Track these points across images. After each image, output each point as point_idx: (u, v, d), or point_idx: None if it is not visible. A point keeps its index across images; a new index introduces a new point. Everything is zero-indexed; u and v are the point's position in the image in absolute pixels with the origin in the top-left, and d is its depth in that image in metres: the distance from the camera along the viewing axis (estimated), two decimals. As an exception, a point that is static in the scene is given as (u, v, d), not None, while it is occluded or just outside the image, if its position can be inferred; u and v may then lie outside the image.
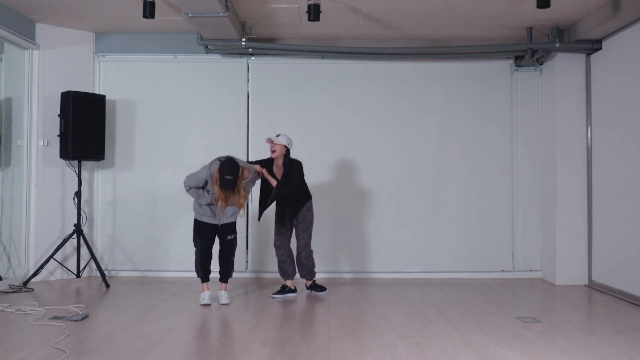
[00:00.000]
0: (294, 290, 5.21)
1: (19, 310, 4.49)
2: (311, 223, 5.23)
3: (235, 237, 5.00)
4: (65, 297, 5.07)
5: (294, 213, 5.15)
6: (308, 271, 5.29)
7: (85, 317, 4.30)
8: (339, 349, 3.53)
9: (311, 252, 5.26)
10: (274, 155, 5.09)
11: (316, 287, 5.35)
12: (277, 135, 5.13)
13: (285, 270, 5.24)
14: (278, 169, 5.15)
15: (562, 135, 5.93)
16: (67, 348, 3.49)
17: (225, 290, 4.95)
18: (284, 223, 5.24)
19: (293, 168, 5.06)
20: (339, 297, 5.19)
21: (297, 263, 5.29)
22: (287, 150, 5.11)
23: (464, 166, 6.33)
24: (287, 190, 5.04)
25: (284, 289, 5.18)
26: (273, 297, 5.10)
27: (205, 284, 4.89)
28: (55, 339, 3.69)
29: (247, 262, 6.27)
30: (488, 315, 4.45)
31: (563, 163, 5.92)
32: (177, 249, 6.22)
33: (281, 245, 5.22)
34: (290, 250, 5.27)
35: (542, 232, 6.27)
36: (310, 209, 5.23)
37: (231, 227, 4.95)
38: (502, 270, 6.27)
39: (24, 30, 5.69)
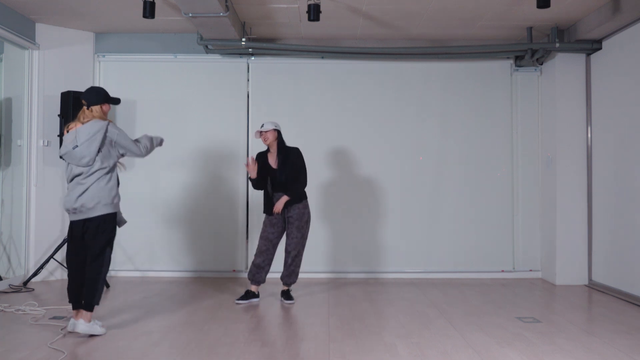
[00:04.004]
0: (258, 295, 4.96)
1: (18, 310, 4.49)
2: (307, 222, 4.92)
3: (106, 253, 3.75)
4: (65, 297, 5.04)
5: (294, 197, 4.83)
6: (292, 274, 4.96)
7: (85, 317, 4.30)
8: (339, 349, 3.53)
9: (301, 254, 4.95)
10: (267, 142, 4.85)
11: (289, 296, 4.97)
12: (261, 126, 4.87)
13: (259, 277, 4.91)
14: (274, 158, 4.91)
15: (562, 135, 5.93)
16: (66, 348, 3.49)
17: (88, 320, 3.71)
18: (275, 223, 4.89)
19: (295, 159, 4.87)
20: (339, 297, 5.19)
21: (284, 263, 4.96)
22: (279, 133, 4.89)
23: (463, 166, 6.32)
24: (300, 186, 4.86)
25: (249, 294, 4.90)
26: (237, 303, 4.84)
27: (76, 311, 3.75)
28: (54, 339, 3.69)
29: (247, 260, 6.27)
30: (488, 315, 4.45)
31: (563, 163, 5.92)
32: (177, 249, 6.23)
33: (266, 251, 4.87)
34: (272, 259, 4.94)
35: (542, 232, 6.26)
36: (307, 206, 4.94)
37: (100, 226, 3.72)
38: (502, 271, 6.27)
39: (24, 30, 5.68)
